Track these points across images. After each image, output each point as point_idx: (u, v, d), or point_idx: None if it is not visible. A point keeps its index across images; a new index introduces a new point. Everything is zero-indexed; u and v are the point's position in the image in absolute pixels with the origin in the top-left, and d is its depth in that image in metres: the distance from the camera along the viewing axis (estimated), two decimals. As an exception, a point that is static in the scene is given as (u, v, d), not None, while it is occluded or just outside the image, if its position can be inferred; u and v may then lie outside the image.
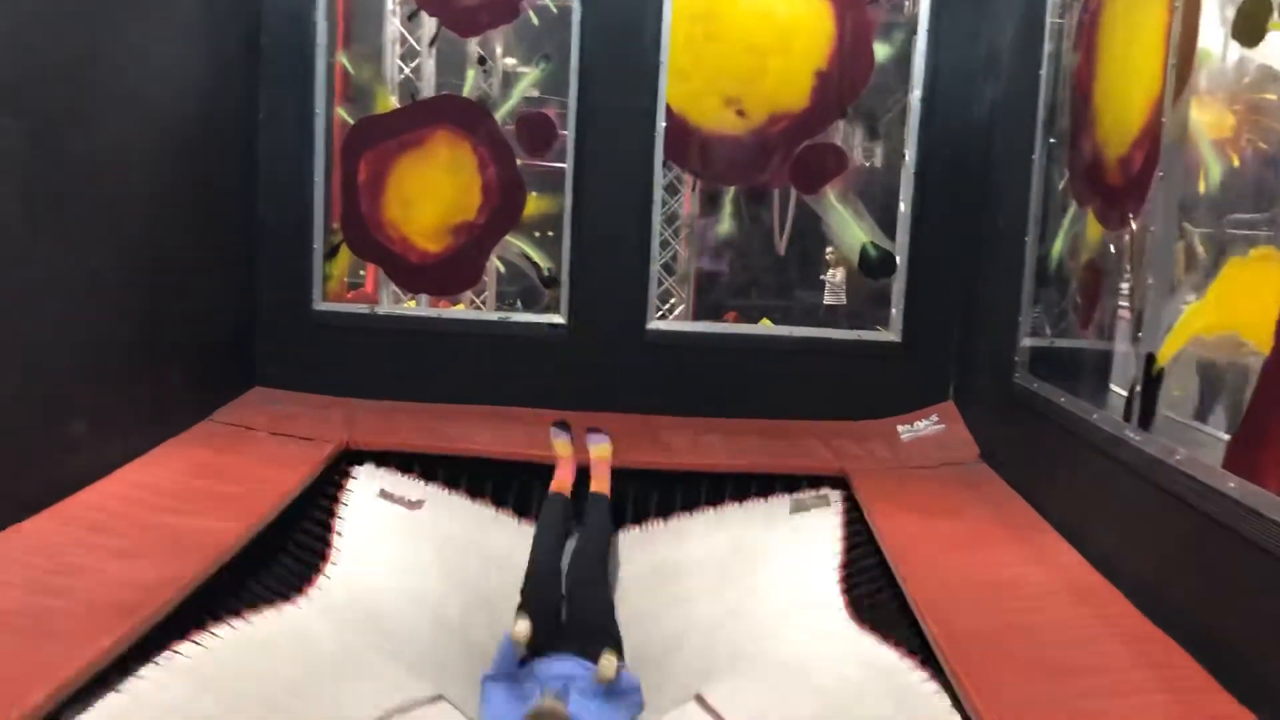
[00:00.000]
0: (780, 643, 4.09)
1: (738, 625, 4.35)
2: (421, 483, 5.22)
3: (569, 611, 4.29)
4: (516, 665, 3.99)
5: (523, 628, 4.00)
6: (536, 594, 4.32)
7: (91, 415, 4.30)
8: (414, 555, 4.76)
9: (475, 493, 5.28)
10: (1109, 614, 3.47)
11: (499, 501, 5.29)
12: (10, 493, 3.75)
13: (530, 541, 4.73)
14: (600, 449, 5.37)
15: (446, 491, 5.23)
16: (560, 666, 3.96)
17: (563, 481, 5.15)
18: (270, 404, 5.76)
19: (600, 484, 5.14)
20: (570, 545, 4.71)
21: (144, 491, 4.26)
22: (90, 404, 4.30)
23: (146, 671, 3.13)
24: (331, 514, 4.82)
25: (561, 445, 5.40)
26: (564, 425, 5.53)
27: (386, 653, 3.98)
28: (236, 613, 3.73)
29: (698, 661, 4.20)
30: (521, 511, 5.27)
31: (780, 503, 5.17)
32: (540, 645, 4.03)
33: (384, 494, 5.07)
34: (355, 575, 4.46)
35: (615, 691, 3.93)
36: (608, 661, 3.90)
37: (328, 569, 4.45)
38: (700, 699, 3.69)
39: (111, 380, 4.49)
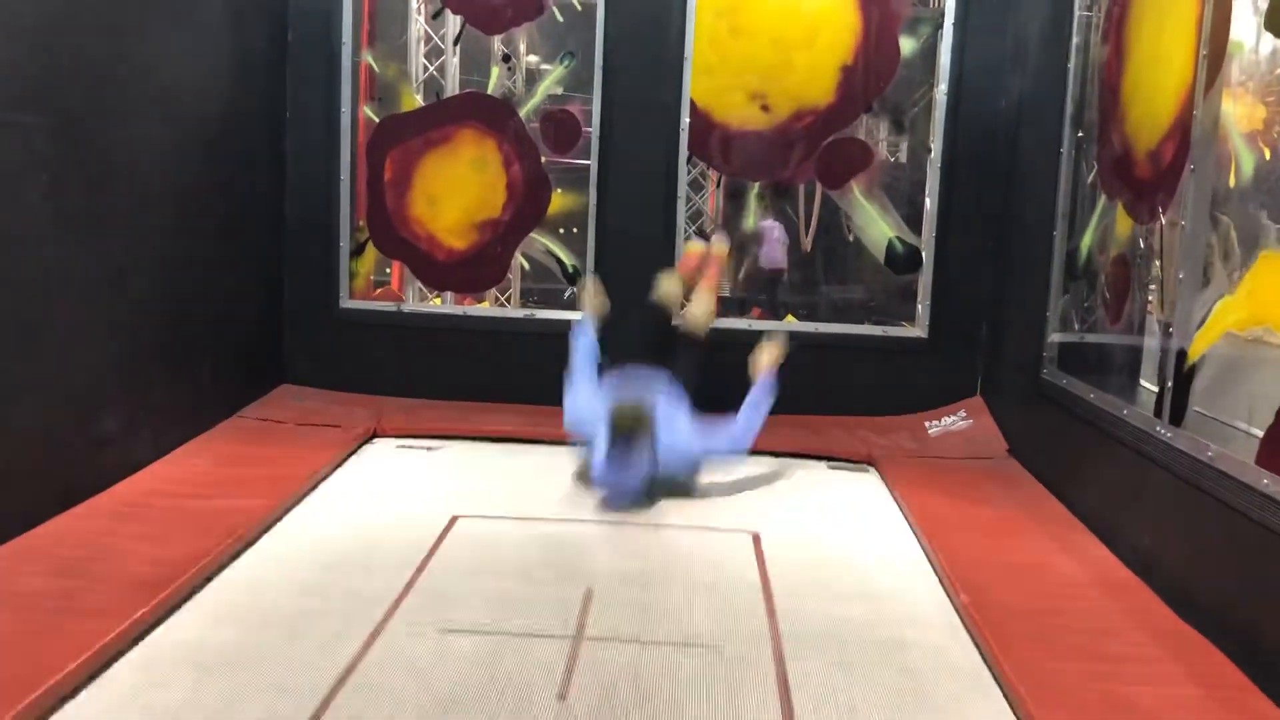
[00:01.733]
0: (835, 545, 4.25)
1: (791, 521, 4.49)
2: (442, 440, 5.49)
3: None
4: (596, 358, 4.58)
5: (593, 284, 4.68)
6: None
7: (121, 413, 4.34)
8: (433, 474, 4.97)
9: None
10: (1140, 609, 3.44)
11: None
12: (42, 489, 3.80)
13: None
14: (720, 246, 5.76)
15: (470, 442, 5.51)
16: (641, 371, 4.42)
17: (687, 268, 5.66)
18: (298, 400, 5.82)
19: (704, 298, 5.43)
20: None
21: (173, 483, 4.33)
22: (120, 402, 4.34)
23: (165, 620, 3.21)
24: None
25: (692, 244, 5.85)
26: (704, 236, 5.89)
27: (405, 526, 4.17)
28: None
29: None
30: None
31: (816, 464, 5.40)
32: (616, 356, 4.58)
33: (404, 446, 5.38)
34: (371, 492, 4.66)
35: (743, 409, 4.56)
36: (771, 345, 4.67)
37: (341, 488, 4.67)
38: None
39: (141, 378, 4.54)
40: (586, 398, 4.36)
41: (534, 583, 3.65)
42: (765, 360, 4.79)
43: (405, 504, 4.47)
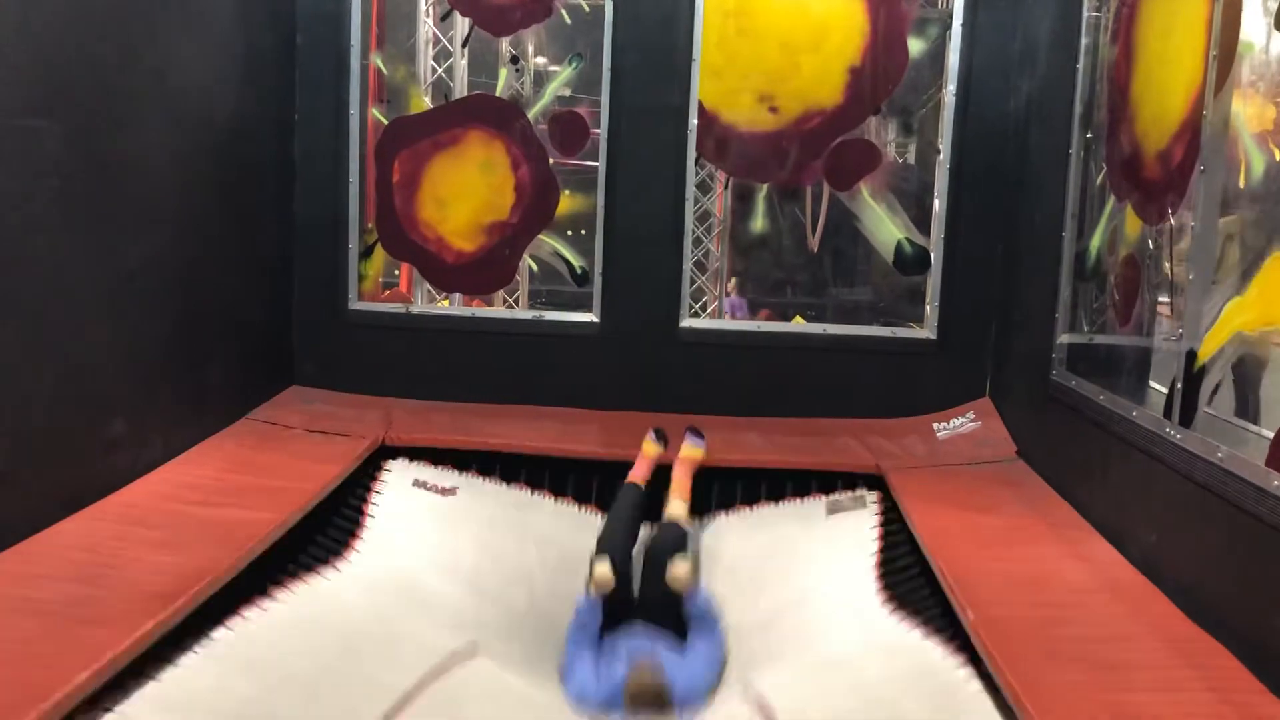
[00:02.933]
0: (822, 640, 4.10)
1: (780, 624, 4.34)
2: (455, 473, 5.31)
3: (642, 589, 4.35)
4: (597, 629, 4.09)
5: (604, 569, 4.13)
6: (611, 549, 4.40)
7: (131, 414, 4.36)
8: (449, 534, 4.85)
9: (509, 482, 5.37)
10: (1150, 613, 3.43)
11: (533, 487, 5.37)
12: (52, 492, 3.81)
13: (567, 521, 4.94)
14: (692, 450, 5.32)
15: (481, 480, 5.33)
16: (640, 636, 4.06)
17: (639, 474, 5.14)
18: (307, 403, 5.83)
19: (680, 490, 5.06)
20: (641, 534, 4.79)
21: (183, 488, 4.32)
22: (129, 403, 4.36)
23: (183, 659, 3.20)
24: (365, 500, 4.92)
25: (650, 446, 5.34)
26: (661, 434, 5.42)
27: (423, 621, 4.06)
28: (268, 594, 3.82)
29: (741, 654, 4.23)
30: (557, 494, 5.35)
31: (816, 505, 5.18)
32: (615, 618, 4.15)
33: (418, 483, 5.18)
34: (388, 553, 4.57)
35: (696, 621, 4.12)
36: (681, 563, 4.12)
37: (358, 545, 4.57)
38: (747, 687, 3.69)
39: (150, 380, 4.55)
40: (590, 670, 3.95)
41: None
42: (681, 572, 4.31)
43: (421, 599, 4.32)
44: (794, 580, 4.62)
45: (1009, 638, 3.27)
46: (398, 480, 5.15)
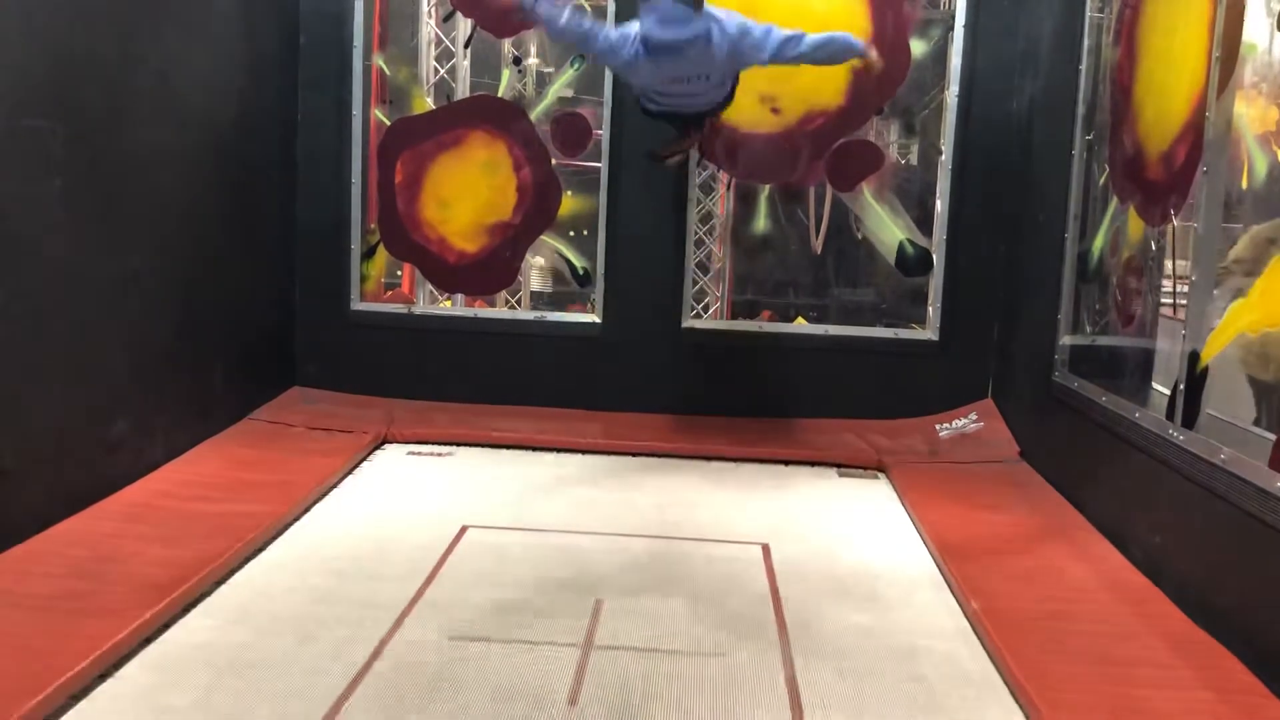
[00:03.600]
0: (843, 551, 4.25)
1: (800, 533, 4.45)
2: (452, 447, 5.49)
3: None
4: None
5: None
6: None
7: (133, 414, 4.36)
8: (445, 481, 4.98)
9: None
10: (1152, 613, 3.43)
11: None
12: (54, 491, 3.81)
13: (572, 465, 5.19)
14: None
15: (479, 448, 5.51)
16: None
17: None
18: (309, 403, 5.85)
19: None
20: None
21: (184, 486, 4.35)
22: (132, 403, 4.36)
23: (178, 621, 3.25)
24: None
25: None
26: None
27: (414, 530, 4.18)
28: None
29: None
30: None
31: (826, 470, 5.37)
32: None
33: (413, 452, 5.39)
34: (377, 496, 4.72)
35: None
36: None
37: (345, 494, 4.69)
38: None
39: (153, 380, 4.55)
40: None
41: (543, 593, 3.65)
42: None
43: (415, 512, 4.48)
44: (811, 514, 4.75)
45: (1012, 629, 3.28)
46: (392, 453, 5.36)
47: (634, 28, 4.23)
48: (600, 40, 4.33)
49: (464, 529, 4.24)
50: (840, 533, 4.46)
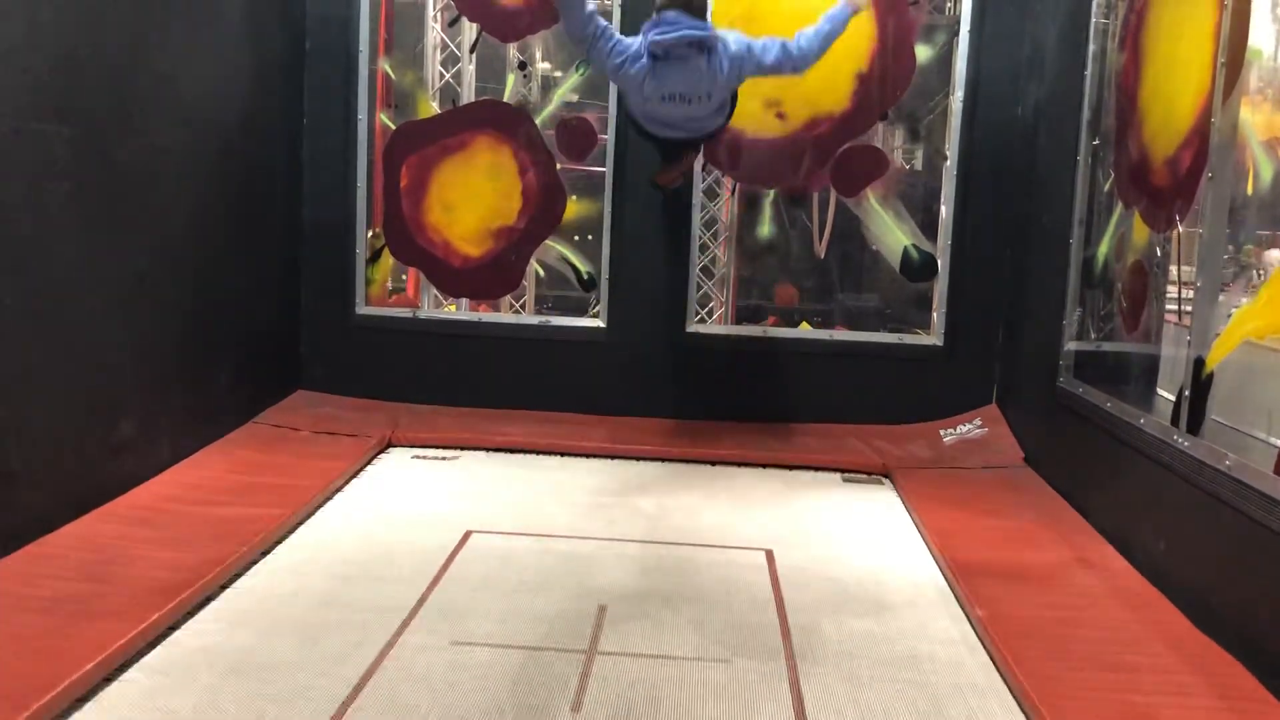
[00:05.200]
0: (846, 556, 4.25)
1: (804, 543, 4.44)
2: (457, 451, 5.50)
3: None
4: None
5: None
6: None
7: (139, 417, 4.37)
8: (450, 483, 5.00)
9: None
10: (1157, 619, 3.42)
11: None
12: (61, 493, 3.82)
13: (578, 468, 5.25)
14: None
15: (484, 452, 5.52)
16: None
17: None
18: (313, 407, 5.85)
19: None
20: None
21: (191, 489, 4.36)
22: (138, 406, 4.37)
23: (182, 625, 3.26)
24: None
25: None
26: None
27: (418, 534, 4.19)
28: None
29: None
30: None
31: (831, 476, 5.37)
32: None
33: (418, 456, 5.38)
34: (381, 497, 4.74)
35: None
36: None
37: (356, 499, 4.69)
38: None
39: (159, 383, 4.56)
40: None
41: (548, 598, 3.65)
42: None
43: (420, 516, 4.48)
44: (815, 520, 4.75)
45: (1018, 636, 3.28)
46: (397, 457, 5.37)
47: (641, 41, 4.29)
48: (613, 41, 4.32)
49: (468, 534, 4.24)
50: (844, 539, 4.45)
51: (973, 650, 3.37)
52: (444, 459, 5.35)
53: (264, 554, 3.89)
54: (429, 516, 4.47)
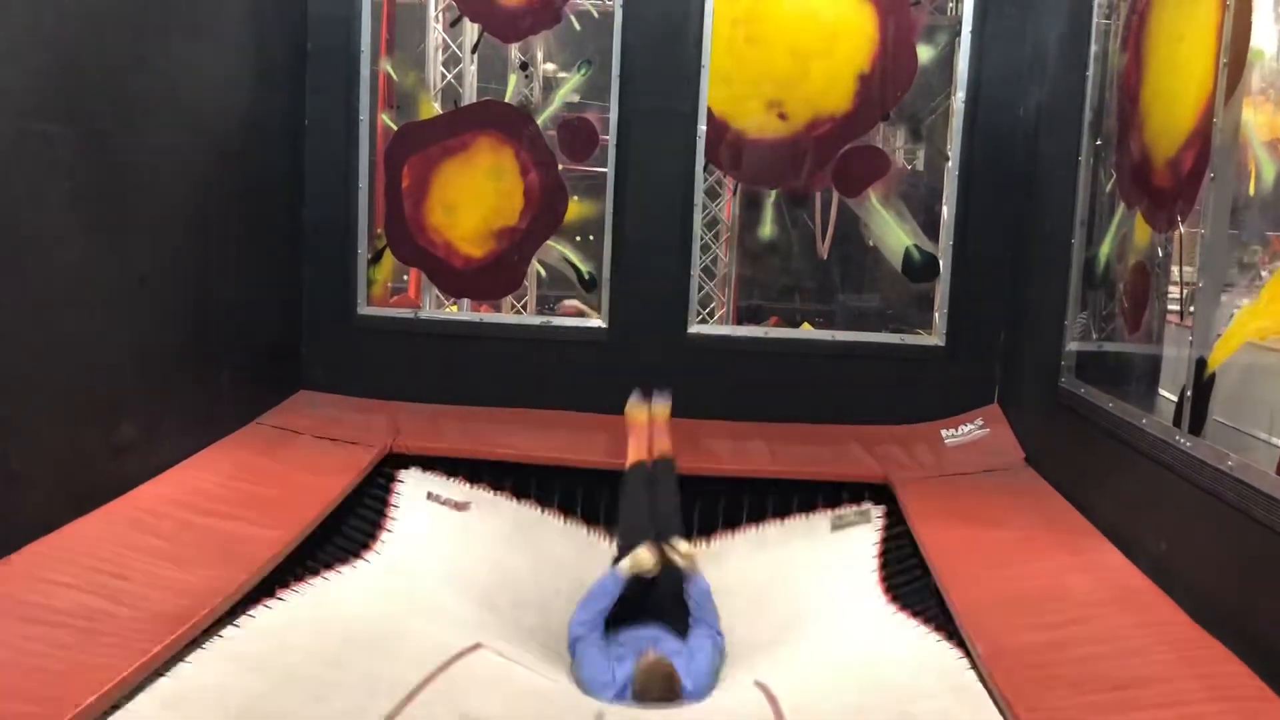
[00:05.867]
0: (830, 644, 4.13)
1: (786, 636, 4.36)
2: (466, 485, 5.33)
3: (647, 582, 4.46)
4: (610, 606, 4.23)
5: (647, 554, 4.37)
6: (645, 535, 4.59)
7: (140, 417, 4.37)
8: (463, 551, 4.87)
9: (520, 495, 5.39)
10: (1159, 621, 3.41)
11: (544, 504, 5.40)
12: (62, 493, 3.82)
13: (576, 543, 5.06)
14: (661, 409, 5.45)
15: (492, 494, 5.34)
16: (645, 631, 4.19)
17: (639, 449, 5.24)
18: (315, 407, 5.84)
19: (662, 445, 5.23)
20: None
21: (192, 494, 4.33)
22: (139, 406, 4.37)
23: (191, 655, 3.24)
24: (383, 514, 4.95)
25: (638, 412, 5.46)
26: (643, 393, 5.54)
27: (429, 621, 4.07)
28: (276, 595, 3.87)
29: (746, 661, 4.26)
30: (567, 511, 5.39)
31: (821, 521, 5.21)
32: (624, 614, 4.27)
33: (431, 496, 5.20)
34: (398, 562, 4.60)
35: (697, 610, 4.29)
36: (683, 543, 4.45)
37: (368, 555, 4.60)
38: (758, 683, 3.71)
39: (160, 383, 4.56)
40: (599, 658, 4.02)
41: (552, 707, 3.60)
42: (684, 549, 4.55)
43: (433, 600, 4.35)
44: (799, 598, 4.66)
45: (1015, 667, 3.25)
46: (411, 492, 5.19)
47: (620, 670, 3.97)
48: (591, 650, 4.09)
49: (477, 646, 3.89)
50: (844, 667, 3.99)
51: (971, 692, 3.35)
52: (457, 507, 5.18)
53: (268, 582, 3.85)
54: (442, 603, 4.34)
